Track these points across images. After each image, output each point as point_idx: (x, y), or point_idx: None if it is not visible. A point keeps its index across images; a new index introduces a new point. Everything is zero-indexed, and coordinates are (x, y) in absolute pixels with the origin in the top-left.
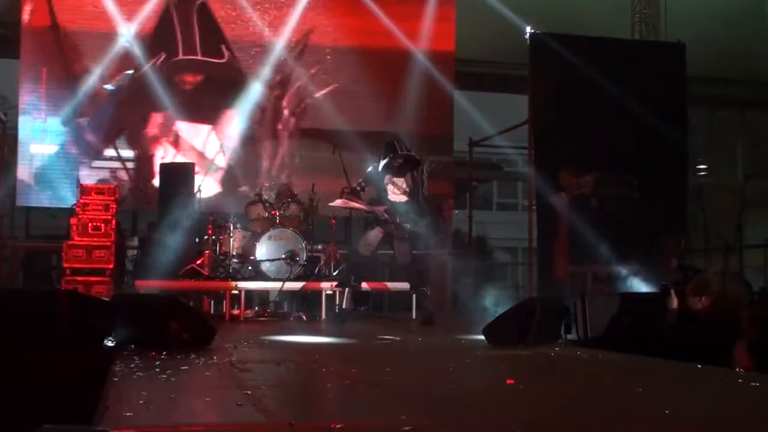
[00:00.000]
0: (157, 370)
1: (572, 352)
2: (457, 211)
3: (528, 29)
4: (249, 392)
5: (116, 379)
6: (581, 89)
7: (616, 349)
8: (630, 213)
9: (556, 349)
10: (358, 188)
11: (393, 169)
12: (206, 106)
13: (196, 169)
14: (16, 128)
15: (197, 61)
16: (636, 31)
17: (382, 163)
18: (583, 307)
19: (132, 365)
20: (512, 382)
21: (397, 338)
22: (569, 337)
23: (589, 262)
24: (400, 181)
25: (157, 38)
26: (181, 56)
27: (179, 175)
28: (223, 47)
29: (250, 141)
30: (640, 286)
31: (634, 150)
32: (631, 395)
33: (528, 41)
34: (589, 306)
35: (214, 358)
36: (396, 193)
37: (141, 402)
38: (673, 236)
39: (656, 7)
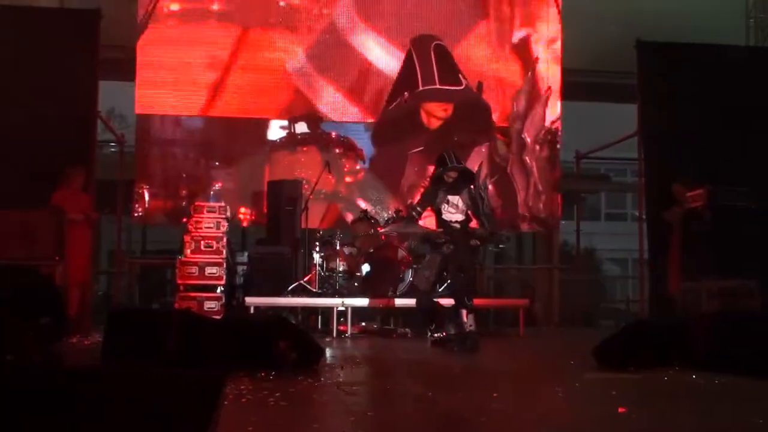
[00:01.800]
0: (266, 392)
1: (687, 376)
2: (564, 222)
3: (636, 38)
4: (354, 419)
5: (226, 403)
6: (693, 98)
7: (735, 373)
8: (748, 226)
9: (670, 372)
10: (414, 214)
11: (445, 185)
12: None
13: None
14: (133, 146)
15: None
16: (751, 36)
17: (433, 176)
18: (699, 327)
19: (242, 387)
20: (624, 410)
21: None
22: (684, 359)
23: (704, 277)
24: (456, 199)
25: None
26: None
27: (287, 193)
28: (461, 76)
29: None
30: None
31: (752, 160)
32: (752, 427)
33: (636, 50)
34: (706, 325)
35: (322, 379)
36: (451, 212)
37: (250, 428)
38: None
39: None
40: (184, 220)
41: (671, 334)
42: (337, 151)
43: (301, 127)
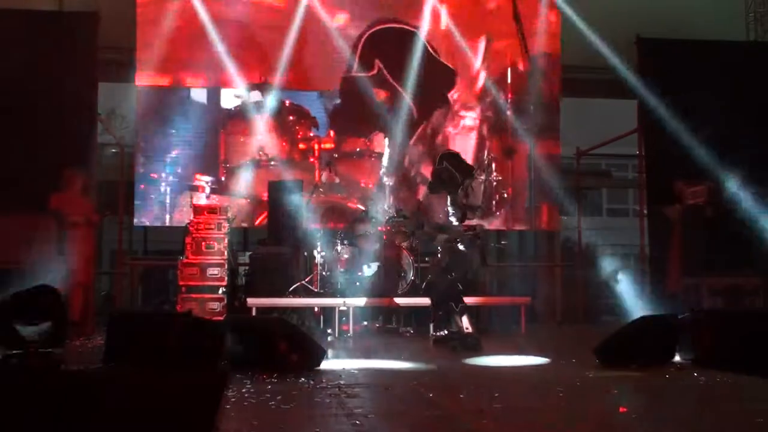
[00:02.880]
0: (268, 395)
1: (688, 373)
2: (565, 217)
3: (636, 34)
4: (357, 422)
5: (228, 406)
6: (693, 94)
7: (736, 371)
8: (749, 223)
9: (671, 370)
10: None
11: (444, 185)
12: None
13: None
14: (133, 147)
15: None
16: (751, 31)
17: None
18: (699, 324)
19: (243, 390)
20: (625, 410)
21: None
22: (685, 356)
23: (704, 274)
24: (454, 198)
25: None
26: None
27: (287, 193)
28: (378, 62)
29: None
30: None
31: (753, 156)
32: (753, 425)
33: (636, 46)
34: (706, 323)
35: (324, 381)
36: (451, 212)
37: None
38: None
39: None
40: (142, 186)
41: (673, 332)
42: (291, 118)
43: (255, 96)
